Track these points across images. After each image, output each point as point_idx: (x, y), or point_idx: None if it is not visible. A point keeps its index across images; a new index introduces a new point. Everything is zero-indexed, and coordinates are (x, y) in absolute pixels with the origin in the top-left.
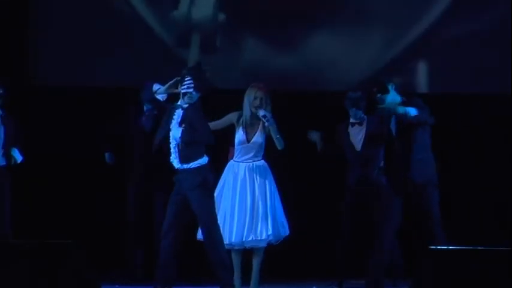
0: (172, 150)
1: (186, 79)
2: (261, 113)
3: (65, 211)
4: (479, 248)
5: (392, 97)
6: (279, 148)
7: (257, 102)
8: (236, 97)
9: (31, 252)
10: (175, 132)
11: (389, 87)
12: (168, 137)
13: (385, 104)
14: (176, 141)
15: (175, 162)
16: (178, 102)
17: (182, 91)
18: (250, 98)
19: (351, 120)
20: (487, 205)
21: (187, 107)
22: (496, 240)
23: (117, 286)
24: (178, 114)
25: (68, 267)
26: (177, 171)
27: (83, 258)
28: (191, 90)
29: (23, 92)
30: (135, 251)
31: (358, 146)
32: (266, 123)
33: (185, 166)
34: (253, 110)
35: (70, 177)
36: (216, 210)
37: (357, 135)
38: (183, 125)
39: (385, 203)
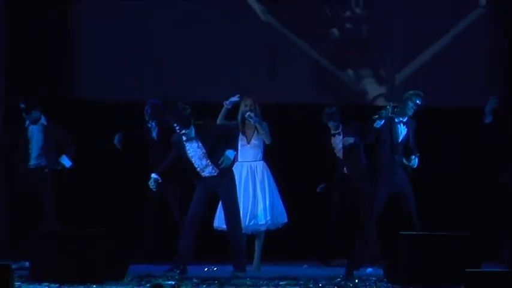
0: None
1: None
2: (247, 114)
3: (99, 204)
4: (440, 234)
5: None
6: (267, 143)
7: (247, 108)
8: None
9: (73, 238)
10: None
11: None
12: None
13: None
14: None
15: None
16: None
17: (246, 115)
18: (241, 107)
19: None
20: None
21: None
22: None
23: (143, 264)
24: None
25: (103, 249)
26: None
27: (114, 242)
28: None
29: (63, 103)
30: (155, 236)
31: (339, 153)
32: (252, 122)
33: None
34: (245, 115)
35: (103, 177)
36: None
37: (338, 144)
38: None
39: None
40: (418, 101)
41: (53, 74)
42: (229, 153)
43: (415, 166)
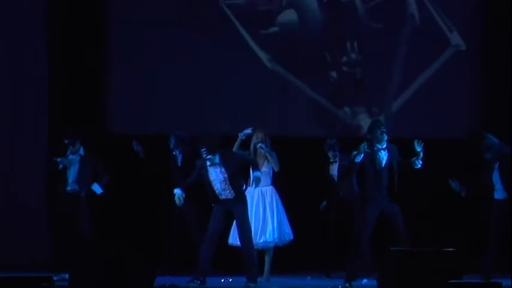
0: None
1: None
2: (258, 145)
3: (129, 224)
4: (426, 249)
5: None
6: (276, 170)
7: (258, 140)
8: None
9: (107, 252)
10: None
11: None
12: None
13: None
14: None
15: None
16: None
17: (258, 146)
18: (253, 138)
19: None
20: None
21: None
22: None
23: (167, 276)
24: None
25: (133, 262)
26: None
27: (143, 256)
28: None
29: (99, 138)
30: (175, 249)
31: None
32: (262, 152)
33: None
34: (257, 146)
35: (132, 200)
36: None
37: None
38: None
39: (361, 216)
40: (382, 127)
41: (89, 111)
42: (256, 173)
43: (419, 166)
